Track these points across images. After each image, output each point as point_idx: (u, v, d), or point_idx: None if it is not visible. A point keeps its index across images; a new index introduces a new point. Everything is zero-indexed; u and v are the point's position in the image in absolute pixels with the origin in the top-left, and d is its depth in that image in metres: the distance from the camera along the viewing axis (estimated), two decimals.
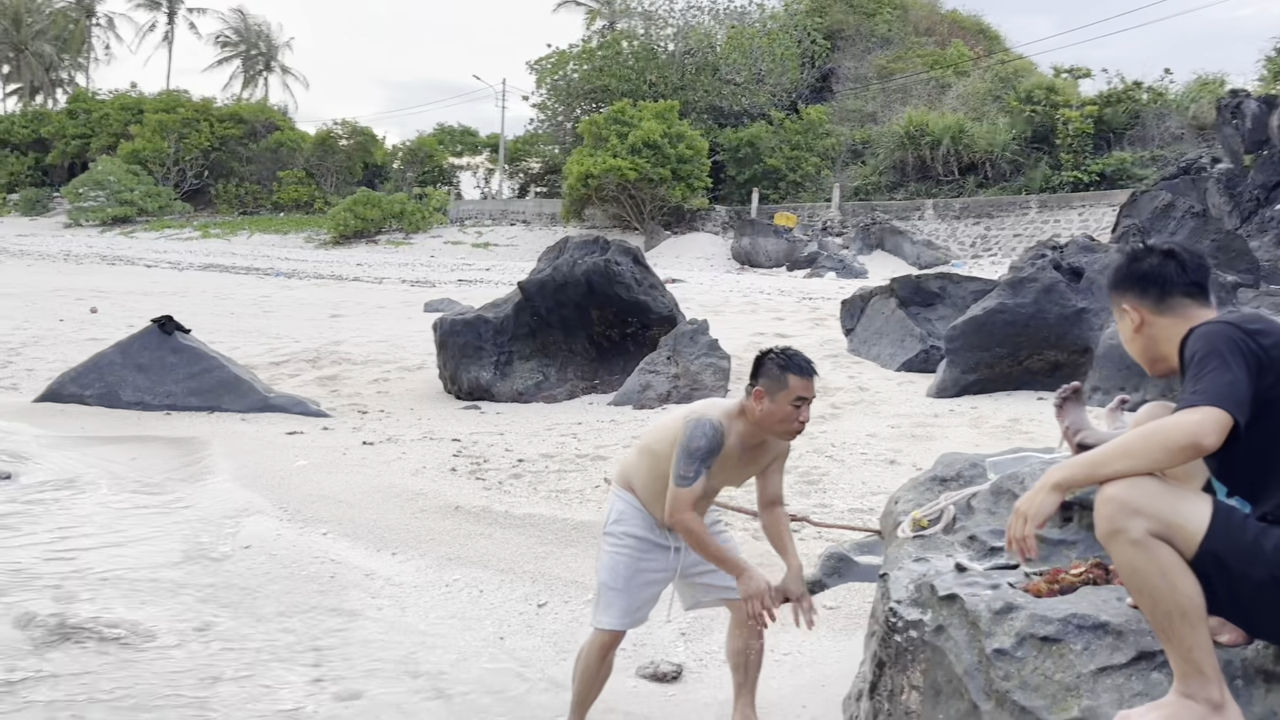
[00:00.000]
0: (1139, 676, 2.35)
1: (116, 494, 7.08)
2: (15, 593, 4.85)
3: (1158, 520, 2.11)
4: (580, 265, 12.14)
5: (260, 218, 47.66)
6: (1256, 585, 2.14)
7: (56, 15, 69.65)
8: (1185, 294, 2.37)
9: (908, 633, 2.86)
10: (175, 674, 4.04)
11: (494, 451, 8.66)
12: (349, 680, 4.11)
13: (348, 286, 26.14)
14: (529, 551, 6.05)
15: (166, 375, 10.69)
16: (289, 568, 5.63)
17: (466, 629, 4.77)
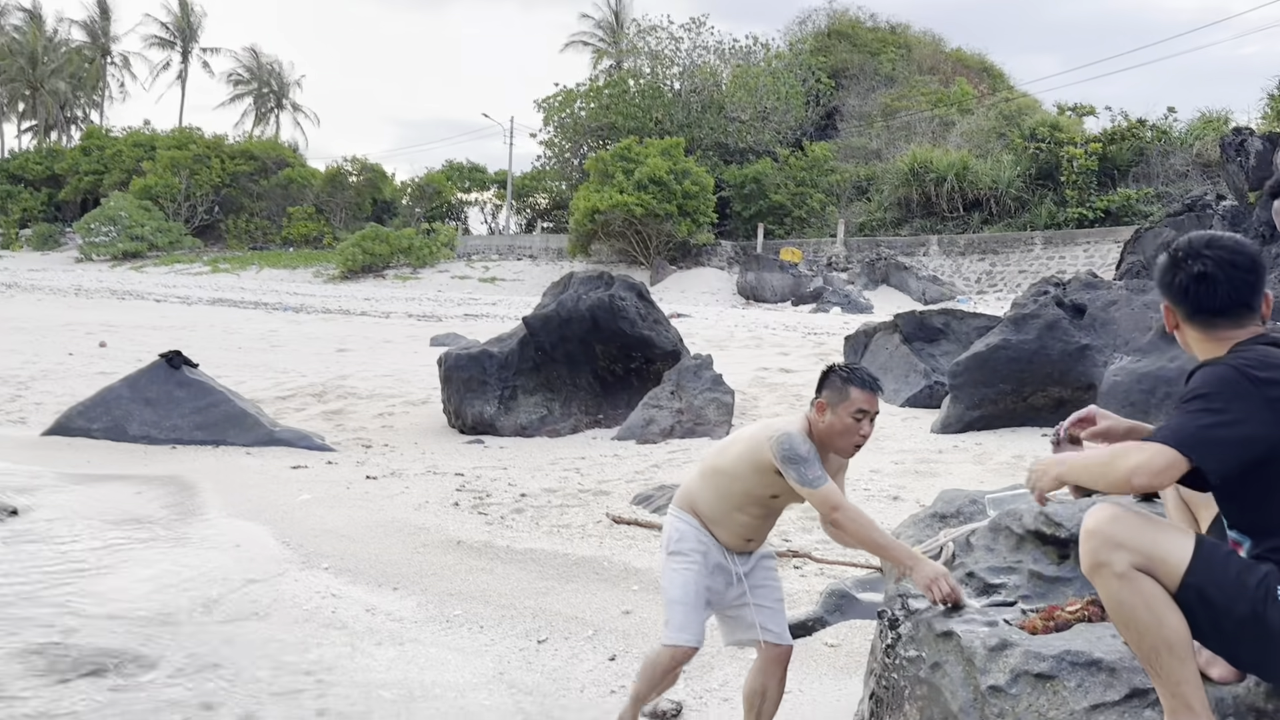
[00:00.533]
0: (1132, 714, 2.36)
1: (118, 529, 7.09)
2: (17, 624, 4.87)
3: (1140, 553, 2.13)
4: (585, 301, 12.19)
5: (269, 253, 47.94)
6: (1239, 620, 2.15)
7: (72, 54, 70.56)
8: (1214, 314, 2.34)
9: (904, 669, 2.87)
10: (171, 704, 4.04)
11: (497, 486, 8.65)
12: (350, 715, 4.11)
13: (355, 321, 26.24)
14: (530, 587, 6.04)
15: (173, 409, 10.74)
16: (291, 601, 5.64)
17: (466, 663, 4.76)
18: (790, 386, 13.65)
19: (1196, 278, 2.32)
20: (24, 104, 70.13)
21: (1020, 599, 3.01)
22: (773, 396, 12.92)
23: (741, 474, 3.56)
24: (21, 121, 71.37)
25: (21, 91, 69.20)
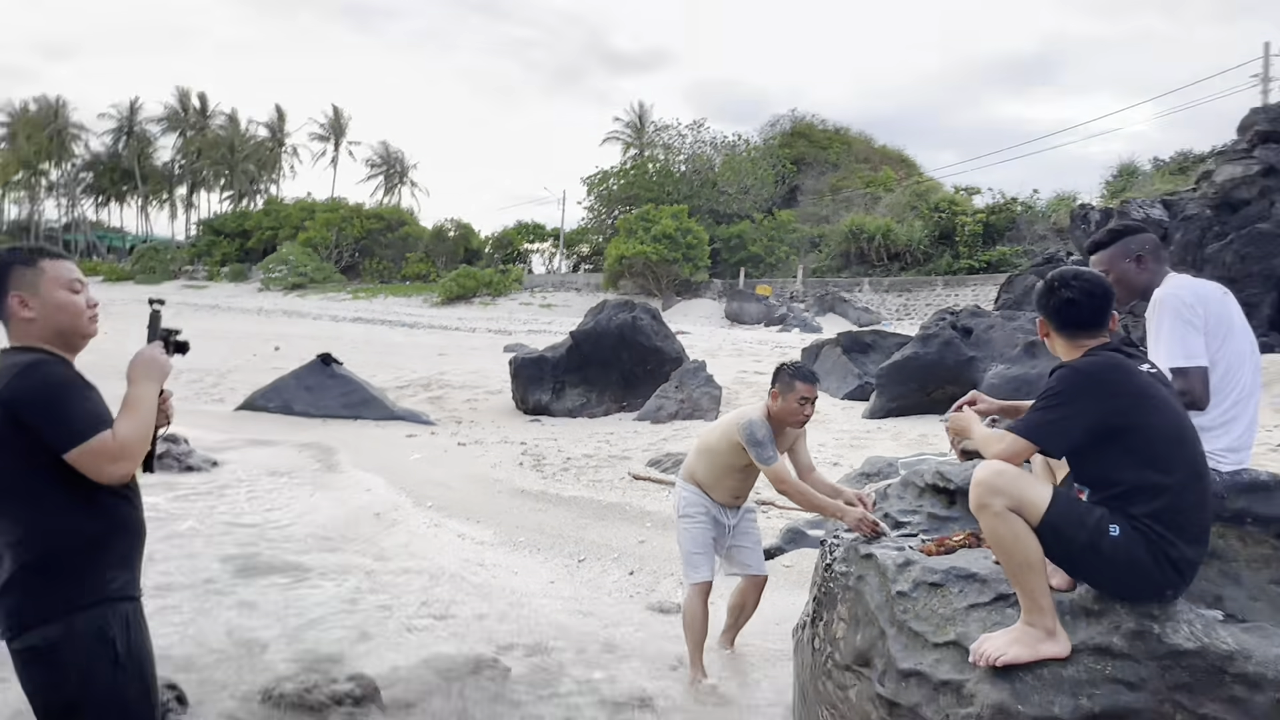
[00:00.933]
0: (997, 611, 2.35)
1: (287, 477, 7.17)
2: (219, 541, 4.94)
3: (1012, 499, 2.13)
4: (615, 321, 12.24)
5: (392, 285, 48.11)
6: (1080, 547, 2.15)
7: (258, 145, 71.25)
8: (1076, 326, 2.33)
9: (838, 581, 2.86)
10: (315, 602, 4.08)
11: (549, 451, 8.68)
12: (446, 603, 4.13)
13: (451, 334, 26.36)
14: (572, 523, 6.06)
15: (325, 394, 10.86)
16: (407, 527, 5.68)
17: (528, 575, 4.78)
18: (763, 384, 13.46)
19: (1066, 301, 2.32)
20: (224, 179, 70.81)
21: (921, 532, 3.01)
22: (749, 391, 12.87)
23: (722, 451, 3.61)
24: (222, 192, 72.10)
25: (223, 171, 69.91)
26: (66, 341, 1.96)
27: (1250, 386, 2.61)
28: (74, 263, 2.03)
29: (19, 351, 1.90)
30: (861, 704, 2.51)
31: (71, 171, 71.19)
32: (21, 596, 1.84)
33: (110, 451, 1.81)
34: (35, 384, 1.81)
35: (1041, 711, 2.10)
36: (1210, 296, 2.61)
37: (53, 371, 1.86)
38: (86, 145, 70.89)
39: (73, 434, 1.79)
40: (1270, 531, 2.54)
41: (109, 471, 1.83)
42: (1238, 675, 2.12)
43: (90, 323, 1.99)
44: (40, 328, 1.92)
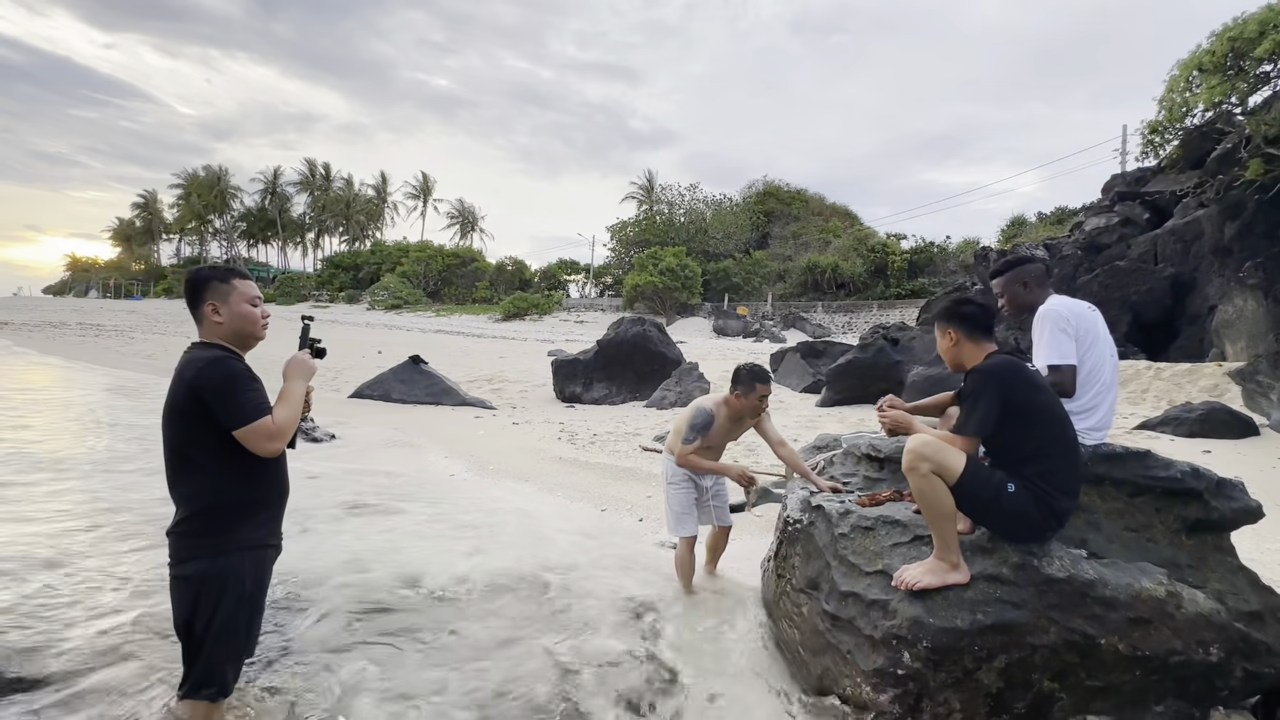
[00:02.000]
0: (914, 549, 2.33)
1: (387, 446, 7.20)
2: (337, 491, 4.95)
3: (935, 463, 2.11)
4: (630, 332, 12.20)
5: (465, 306, 48.22)
6: (984, 501, 2.13)
7: (367, 202, 71.77)
8: (983, 334, 2.32)
9: (795, 526, 2.85)
10: (405, 532, 4.09)
11: (581, 430, 8.67)
12: (502, 543, 4.13)
13: (508, 342, 26.39)
14: (597, 482, 6.03)
15: (415, 386, 10.88)
16: (473, 483, 5.68)
17: (564, 521, 4.76)
18: None
19: (975, 312, 2.34)
20: (342, 227, 71.35)
21: (857, 490, 2.99)
22: (727, 386, 12.82)
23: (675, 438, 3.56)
24: (340, 236, 72.60)
25: (340, 220, 70.46)
26: (243, 343, 1.99)
27: (1110, 382, 2.58)
28: (254, 282, 2.07)
29: (207, 347, 1.93)
30: (812, 617, 2.50)
31: (230, 221, 72.08)
32: (186, 536, 1.87)
33: (270, 431, 1.84)
34: (220, 375, 1.84)
35: (947, 623, 2.08)
36: (1081, 313, 2.58)
37: (233, 366, 1.88)
38: (241, 201, 71.85)
39: (245, 416, 1.82)
40: (1122, 491, 2.51)
41: (267, 447, 1.86)
42: (1097, 598, 2.10)
43: (263, 330, 2.03)
44: (225, 330, 1.95)
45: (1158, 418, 8.37)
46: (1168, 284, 14.53)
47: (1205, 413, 8.11)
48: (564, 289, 54.66)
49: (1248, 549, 3.06)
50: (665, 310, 37.73)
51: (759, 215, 47.67)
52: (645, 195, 54.73)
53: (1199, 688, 2.16)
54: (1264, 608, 2.26)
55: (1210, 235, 14.13)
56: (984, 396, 2.13)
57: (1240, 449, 7.36)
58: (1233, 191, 13.35)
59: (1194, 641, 2.10)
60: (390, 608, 3.03)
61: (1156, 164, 18.60)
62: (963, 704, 2.09)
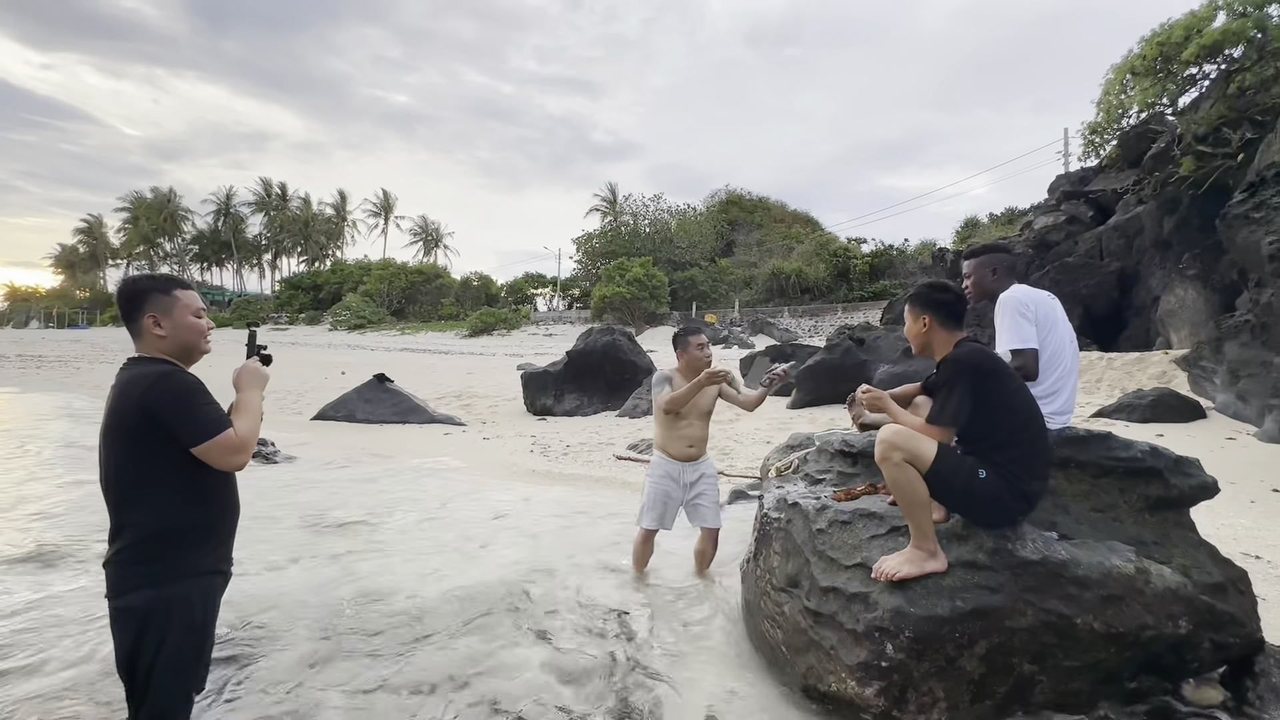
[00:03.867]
0: (892, 539, 2.33)
1: (349, 463, 6.98)
2: (296, 507, 4.77)
3: (908, 453, 2.12)
4: (600, 342, 12.14)
5: (431, 323, 47.46)
6: (956, 487, 2.14)
7: (326, 221, 70.27)
8: (956, 322, 2.34)
9: (772, 524, 2.84)
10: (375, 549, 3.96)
11: (553, 442, 8.56)
12: (484, 539, 4.02)
13: (476, 358, 26.04)
14: (573, 491, 5.95)
15: (380, 405, 10.60)
16: (443, 489, 5.53)
17: (537, 523, 4.67)
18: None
19: (952, 300, 2.36)
20: (300, 247, 69.66)
21: (832, 485, 2.99)
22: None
23: (660, 420, 3.60)
24: (299, 257, 70.83)
25: (299, 240, 68.82)
26: (187, 356, 1.89)
27: (1070, 367, 2.64)
28: (197, 293, 1.96)
29: (149, 362, 1.81)
30: (794, 615, 2.48)
31: (181, 244, 69.74)
32: (130, 564, 1.74)
33: (234, 445, 1.75)
34: (173, 389, 1.73)
35: (928, 612, 2.08)
36: (1040, 299, 2.64)
37: (186, 380, 1.78)
38: (193, 224, 69.68)
39: (206, 430, 1.72)
40: (1087, 472, 2.56)
41: (232, 461, 1.76)
42: (1071, 578, 2.13)
43: (207, 342, 1.93)
44: (168, 344, 1.84)
45: (1112, 405, 8.68)
46: (1114, 278, 15.16)
47: (1156, 399, 8.44)
48: (531, 303, 54.32)
49: (1205, 525, 3.17)
50: (634, 320, 37.78)
51: (723, 224, 48.27)
52: (610, 207, 54.91)
53: (1170, 661, 2.21)
54: (1226, 579, 2.33)
55: (1150, 230, 14.81)
56: (957, 387, 2.14)
57: (1190, 431, 7.68)
58: (1168, 188, 14.04)
59: (1164, 615, 2.14)
60: (358, 629, 2.91)
61: (1097, 164, 19.48)
62: (946, 692, 2.09)
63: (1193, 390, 9.50)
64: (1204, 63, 12.91)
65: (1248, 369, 8.30)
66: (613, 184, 58.01)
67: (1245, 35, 12.15)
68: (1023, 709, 2.17)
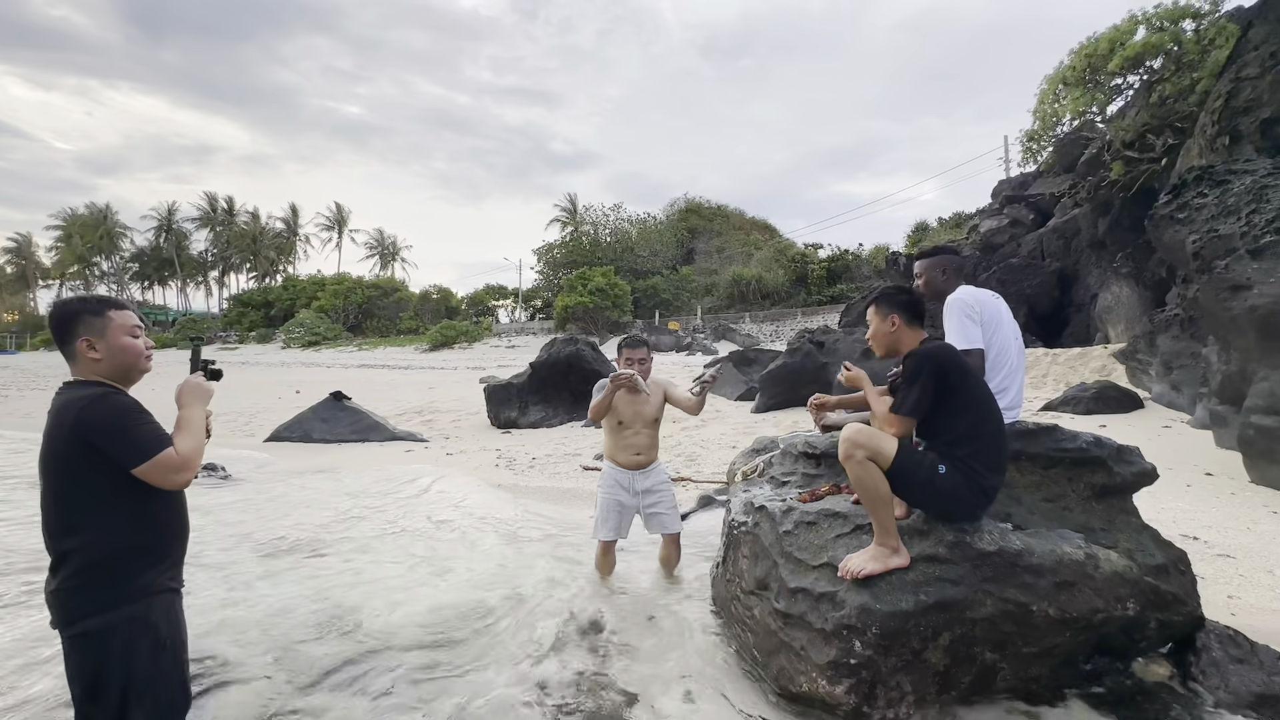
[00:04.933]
0: (856, 538, 2.37)
1: (302, 479, 6.74)
2: (251, 530, 4.58)
3: (870, 450, 2.16)
4: (563, 353, 12.06)
5: (390, 338, 46.41)
6: (917, 483, 2.19)
7: (277, 236, 68.12)
8: (919, 322, 2.40)
9: (740, 529, 2.86)
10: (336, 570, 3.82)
11: (519, 454, 8.44)
12: (448, 555, 3.93)
13: (438, 372, 25.55)
14: (539, 505, 5.87)
15: (338, 423, 10.27)
16: (409, 515, 5.39)
17: (502, 537, 4.58)
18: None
19: (916, 300, 2.43)
20: (249, 263, 67.31)
21: (797, 487, 3.03)
22: None
23: (608, 428, 3.63)
24: (248, 273, 68.42)
25: (248, 256, 66.51)
26: (126, 377, 1.82)
27: (1016, 364, 2.74)
28: (133, 310, 1.88)
29: (84, 385, 1.74)
30: (764, 618, 2.49)
31: (120, 262, 66.48)
32: (80, 591, 1.66)
33: (175, 464, 1.68)
34: (106, 411, 1.67)
35: (893, 607, 2.12)
36: (985, 300, 2.74)
37: (119, 400, 1.71)
38: (132, 241, 66.52)
39: (145, 451, 1.66)
40: (1037, 464, 2.66)
41: (175, 480, 1.69)
42: (1026, 567, 2.20)
43: (147, 362, 1.85)
44: (105, 366, 1.78)
45: (1058, 399, 9.07)
46: (1054, 277, 15.89)
47: (1098, 392, 8.86)
48: (493, 315, 53.68)
49: (1146, 510, 3.33)
50: (598, 330, 37.72)
51: (683, 232, 48.72)
52: (570, 217, 54.83)
53: (1120, 642, 2.31)
54: (1168, 561, 2.44)
55: (1086, 231, 15.59)
56: (920, 380, 2.20)
57: (1130, 421, 8.08)
58: (1101, 191, 14.82)
59: (1113, 598, 2.24)
60: (318, 654, 2.80)
61: (1036, 169, 20.43)
62: (914, 685, 2.13)
63: (1131, 382, 10.01)
64: (1128, 73, 13.71)
65: (1179, 360, 8.80)
66: (572, 194, 57.88)
67: (1163, 48, 12.97)
68: (986, 697, 2.23)
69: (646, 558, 4.11)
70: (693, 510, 5.24)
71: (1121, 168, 13.81)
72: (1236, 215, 5.76)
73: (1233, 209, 5.89)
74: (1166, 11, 13.10)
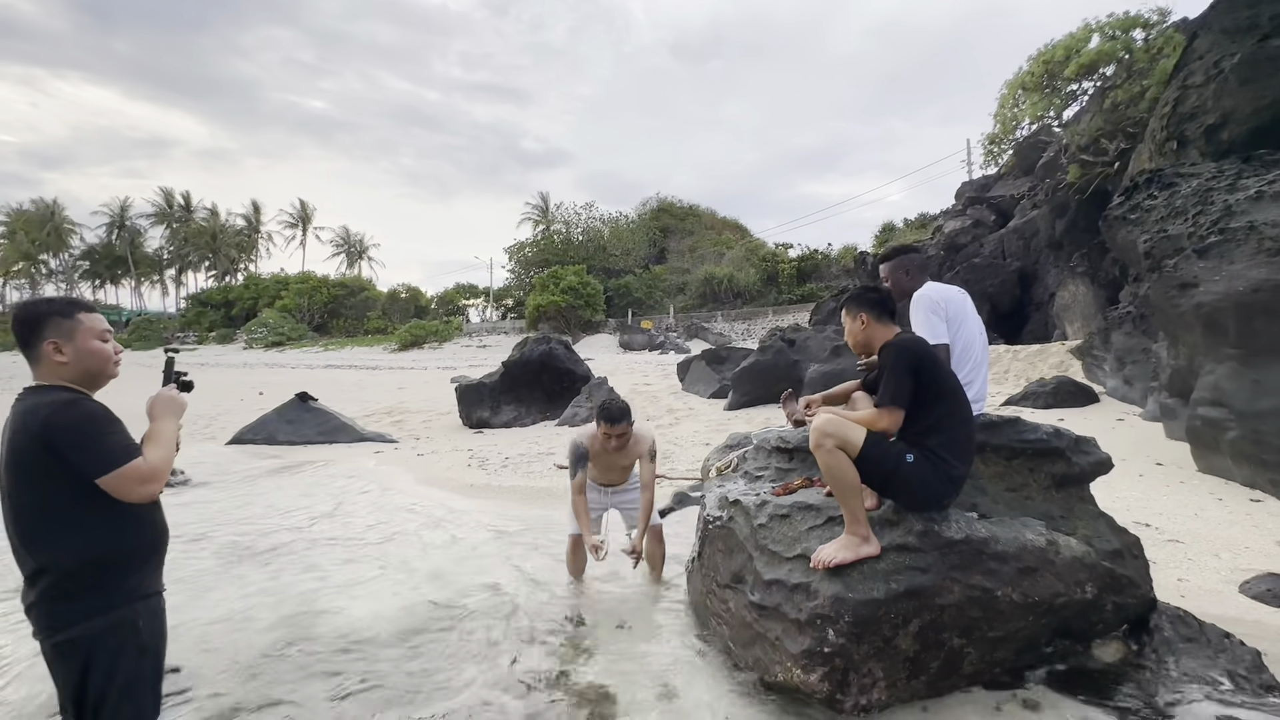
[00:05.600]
0: (828, 529, 2.42)
1: (260, 479, 6.56)
2: (216, 534, 4.44)
3: (839, 439, 2.20)
4: (536, 351, 11.99)
5: (357, 338, 45.42)
6: (885, 472, 2.24)
7: (238, 233, 66.02)
8: (889, 317, 2.45)
9: (715, 523, 2.88)
10: (300, 574, 3.73)
11: (491, 454, 8.36)
12: (421, 557, 3.87)
13: (407, 373, 25.11)
14: (512, 505, 5.83)
15: (304, 425, 10.03)
16: (379, 516, 5.30)
17: (476, 537, 4.54)
18: (651, 393, 13.68)
19: (885, 295, 2.50)
20: (208, 262, 65.08)
21: (770, 481, 3.07)
22: (641, 398, 12.92)
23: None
24: (207, 271, 66.16)
25: (206, 255, 64.27)
26: (92, 382, 1.76)
27: (981, 358, 2.82)
28: (101, 315, 1.83)
29: (49, 390, 1.68)
30: (739, 610, 2.52)
31: (69, 260, 63.61)
32: (62, 599, 1.62)
33: (143, 475, 1.64)
34: (74, 418, 1.62)
35: (865, 595, 2.17)
36: (950, 296, 2.82)
37: (89, 407, 1.66)
38: (82, 238, 63.65)
39: (112, 460, 1.61)
40: (1001, 455, 2.75)
41: (140, 492, 1.64)
42: (991, 554, 2.27)
43: (115, 367, 1.80)
44: (71, 370, 1.72)
45: (1019, 394, 9.36)
46: (1015, 276, 16.38)
47: (1056, 386, 9.17)
48: (463, 314, 52.98)
49: (1102, 498, 3.47)
50: (570, 329, 37.54)
51: (655, 231, 48.77)
52: (541, 215, 54.41)
53: (1080, 625, 2.40)
54: (1122, 546, 2.55)
55: (1044, 232, 16.12)
56: (897, 369, 2.24)
57: (1086, 414, 8.38)
58: (1058, 193, 15.33)
59: (1072, 582, 2.33)
60: (288, 660, 2.73)
61: (997, 171, 21.03)
62: (885, 672, 2.18)
63: (1087, 377, 10.39)
64: (1083, 80, 14.22)
65: (1132, 356, 9.16)
66: (544, 192, 57.64)
67: (1116, 56, 13.48)
68: (953, 682, 2.30)
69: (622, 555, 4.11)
70: (668, 506, 5.26)
71: (1077, 171, 14.32)
72: (1184, 216, 6.03)
73: (1180, 210, 6.16)
74: (1118, 21, 13.62)
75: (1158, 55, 12.86)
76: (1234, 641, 2.45)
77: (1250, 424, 4.92)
